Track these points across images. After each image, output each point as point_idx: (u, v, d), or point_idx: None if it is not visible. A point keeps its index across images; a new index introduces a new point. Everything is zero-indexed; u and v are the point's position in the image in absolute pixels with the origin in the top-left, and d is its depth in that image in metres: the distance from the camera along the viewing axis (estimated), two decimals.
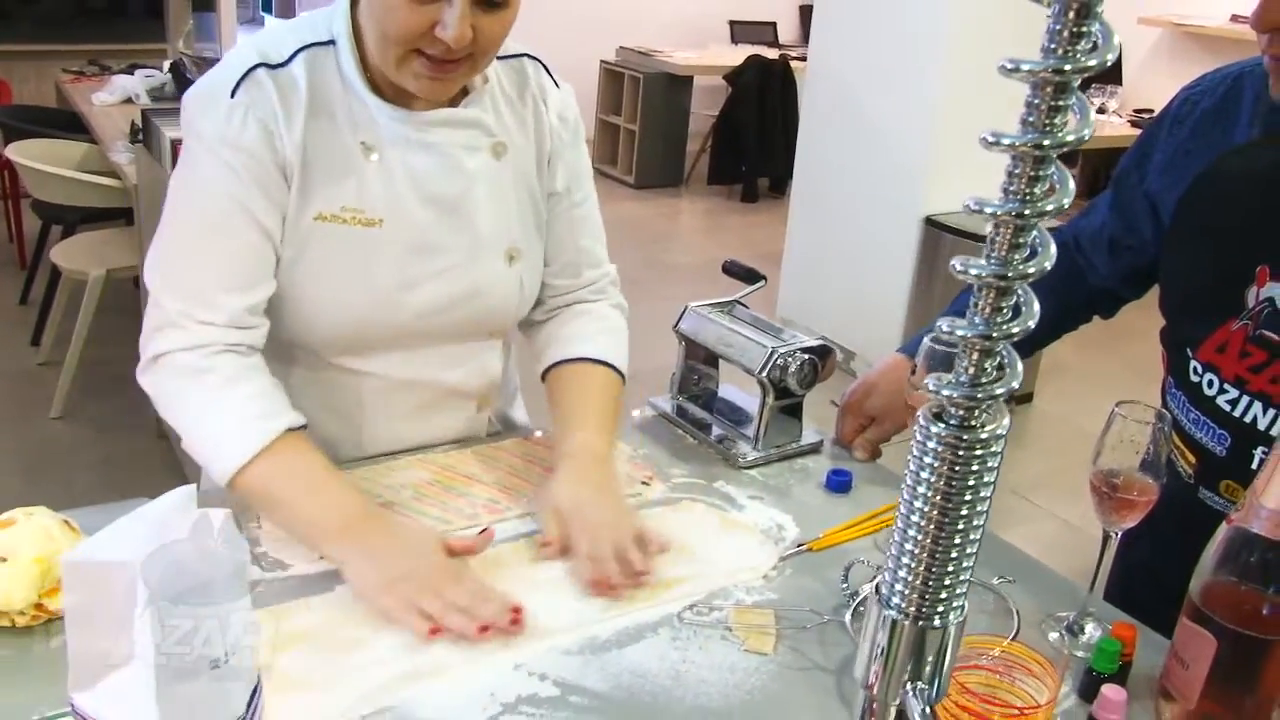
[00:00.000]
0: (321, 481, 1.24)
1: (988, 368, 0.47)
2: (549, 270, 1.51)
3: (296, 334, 1.35)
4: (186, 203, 1.27)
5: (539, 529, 1.31)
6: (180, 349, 1.24)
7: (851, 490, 1.47)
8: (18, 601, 1.05)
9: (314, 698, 1.01)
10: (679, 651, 1.13)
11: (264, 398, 1.25)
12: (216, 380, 1.23)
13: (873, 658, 0.53)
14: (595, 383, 1.47)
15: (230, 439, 1.21)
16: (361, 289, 1.32)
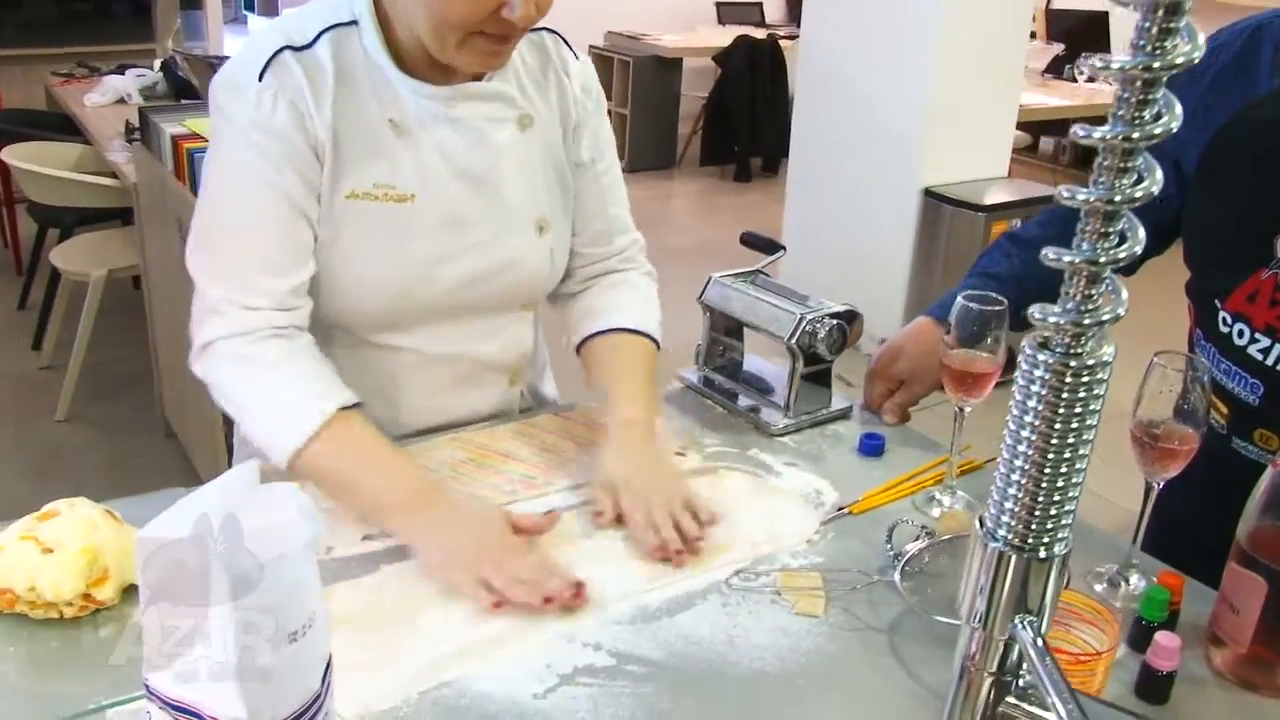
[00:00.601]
0: (382, 457, 1.25)
1: (1094, 294, 0.46)
2: (579, 240, 1.52)
3: (334, 313, 1.34)
4: (221, 189, 1.27)
5: (582, 502, 1.32)
6: (227, 336, 1.25)
7: (884, 454, 1.47)
8: (66, 592, 1.04)
9: (366, 679, 1.01)
10: (730, 617, 1.12)
11: (316, 378, 1.26)
12: (266, 365, 1.25)
13: (978, 592, 0.53)
14: (634, 353, 1.48)
15: (287, 421, 1.22)
16: (396, 265, 1.32)
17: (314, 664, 0.71)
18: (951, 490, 1.35)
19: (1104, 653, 0.94)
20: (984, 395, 1.30)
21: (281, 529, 0.69)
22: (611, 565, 1.20)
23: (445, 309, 1.39)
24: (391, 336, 1.39)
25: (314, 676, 0.71)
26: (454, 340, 1.43)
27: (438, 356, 1.43)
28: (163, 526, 0.68)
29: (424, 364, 1.42)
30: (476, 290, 1.39)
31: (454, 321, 1.41)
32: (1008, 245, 1.53)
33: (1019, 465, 0.49)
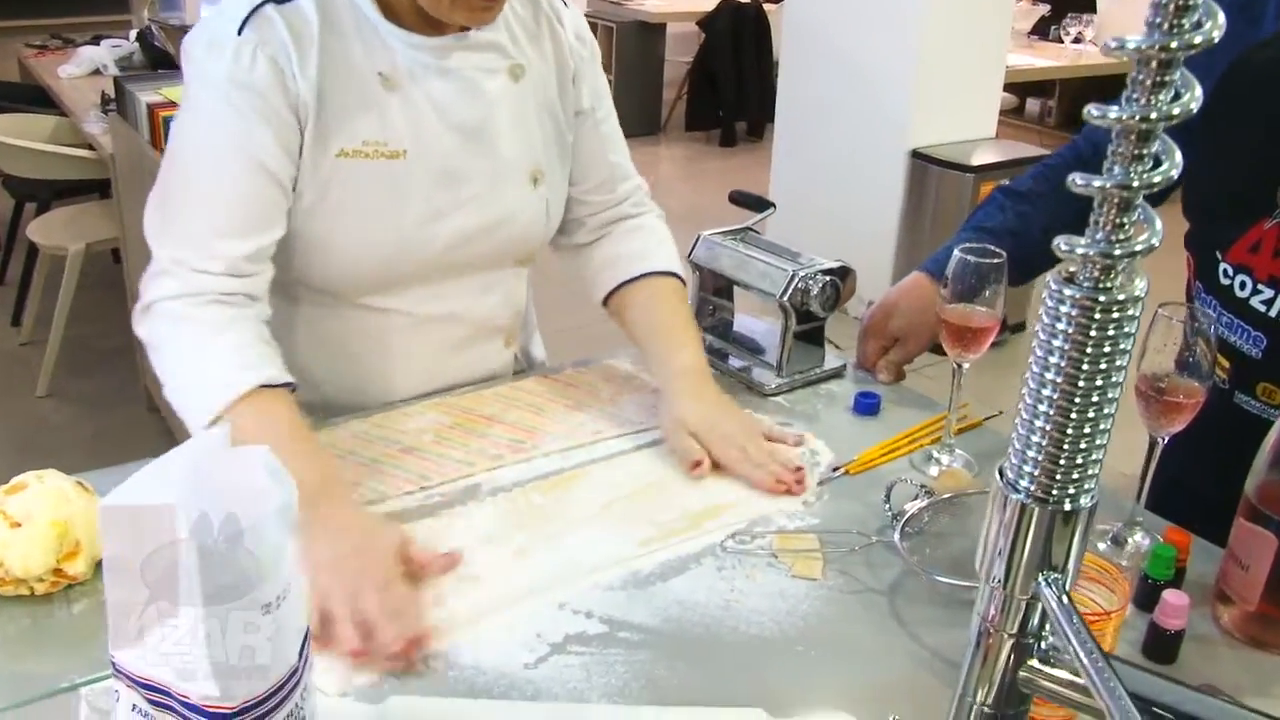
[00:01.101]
0: (293, 444, 1.13)
1: (1125, 223, 0.43)
2: (583, 189, 1.49)
3: (323, 277, 1.31)
4: (185, 144, 1.22)
5: (575, 465, 1.29)
6: (170, 296, 1.18)
7: (880, 413, 1.44)
8: (36, 567, 1.00)
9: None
10: (725, 581, 1.09)
11: (246, 349, 1.17)
12: (200, 329, 1.17)
13: (997, 549, 0.49)
14: (672, 297, 1.47)
15: (205, 391, 1.14)
16: (389, 224, 1.28)
17: (290, 637, 0.67)
18: (950, 448, 1.32)
19: (1114, 612, 0.91)
20: (982, 351, 1.27)
21: (252, 494, 0.65)
22: (599, 529, 1.16)
23: (438, 268, 1.35)
24: (383, 299, 1.35)
25: (291, 650, 0.68)
26: (448, 301, 1.39)
27: (431, 318, 1.39)
28: (126, 494, 0.64)
29: (416, 327, 1.38)
30: (471, 246, 1.35)
31: (447, 281, 1.38)
32: (1002, 199, 1.49)
33: (1043, 411, 0.46)
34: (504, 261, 1.42)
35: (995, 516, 0.49)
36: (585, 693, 0.93)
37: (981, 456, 1.32)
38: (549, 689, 0.94)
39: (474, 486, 1.23)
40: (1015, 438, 0.48)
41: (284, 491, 0.66)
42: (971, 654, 0.53)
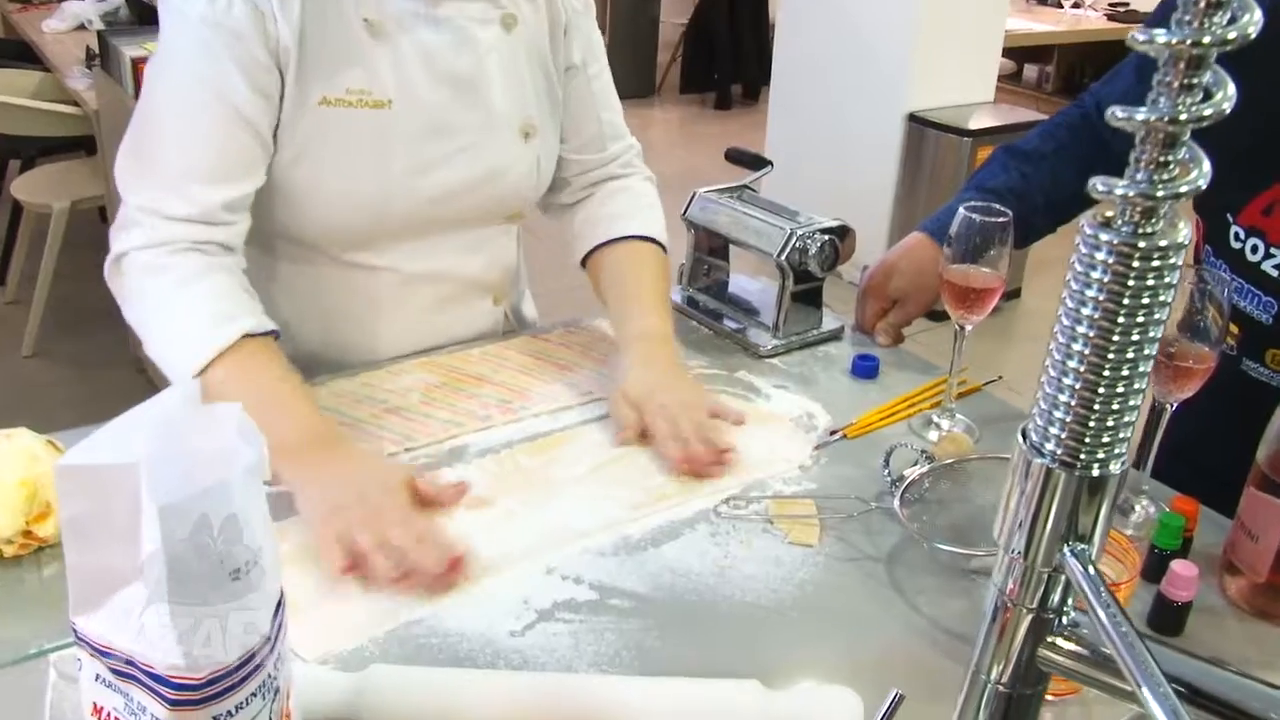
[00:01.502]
0: (280, 394, 1.12)
1: (1170, 160, 0.39)
2: (571, 146, 1.45)
3: (307, 231, 1.27)
4: (156, 90, 1.17)
5: (561, 427, 1.25)
6: (140, 247, 1.14)
7: (879, 376, 1.40)
8: (5, 529, 0.96)
9: (327, 619, 0.94)
10: (719, 547, 1.06)
11: (224, 298, 1.14)
12: (174, 279, 1.13)
13: (1018, 517, 0.46)
14: (647, 262, 1.41)
15: (186, 342, 1.11)
16: (374, 176, 1.24)
17: (261, 604, 0.64)
18: (950, 413, 1.29)
19: (1123, 583, 0.88)
20: (985, 313, 1.23)
21: (221, 454, 0.61)
22: (590, 493, 1.13)
23: (426, 223, 1.31)
24: (369, 255, 1.30)
25: (262, 618, 0.64)
26: (435, 257, 1.35)
27: (418, 275, 1.35)
28: (86, 453, 0.60)
29: (404, 284, 1.34)
30: (459, 201, 1.31)
31: (435, 237, 1.33)
32: (1005, 158, 1.45)
33: (1072, 367, 0.42)
34: (493, 218, 1.38)
35: (1017, 482, 0.45)
36: (574, 662, 0.90)
37: (982, 422, 1.29)
38: (536, 658, 0.90)
39: (461, 448, 1.20)
40: (1040, 397, 0.44)
41: (254, 452, 0.62)
42: (987, 628, 0.49)
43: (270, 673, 0.67)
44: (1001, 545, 0.47)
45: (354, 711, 0.81)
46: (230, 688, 0.63)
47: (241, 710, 0.65)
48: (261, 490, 0.64)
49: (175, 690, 0.61)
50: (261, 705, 0.66)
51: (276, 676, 0.68)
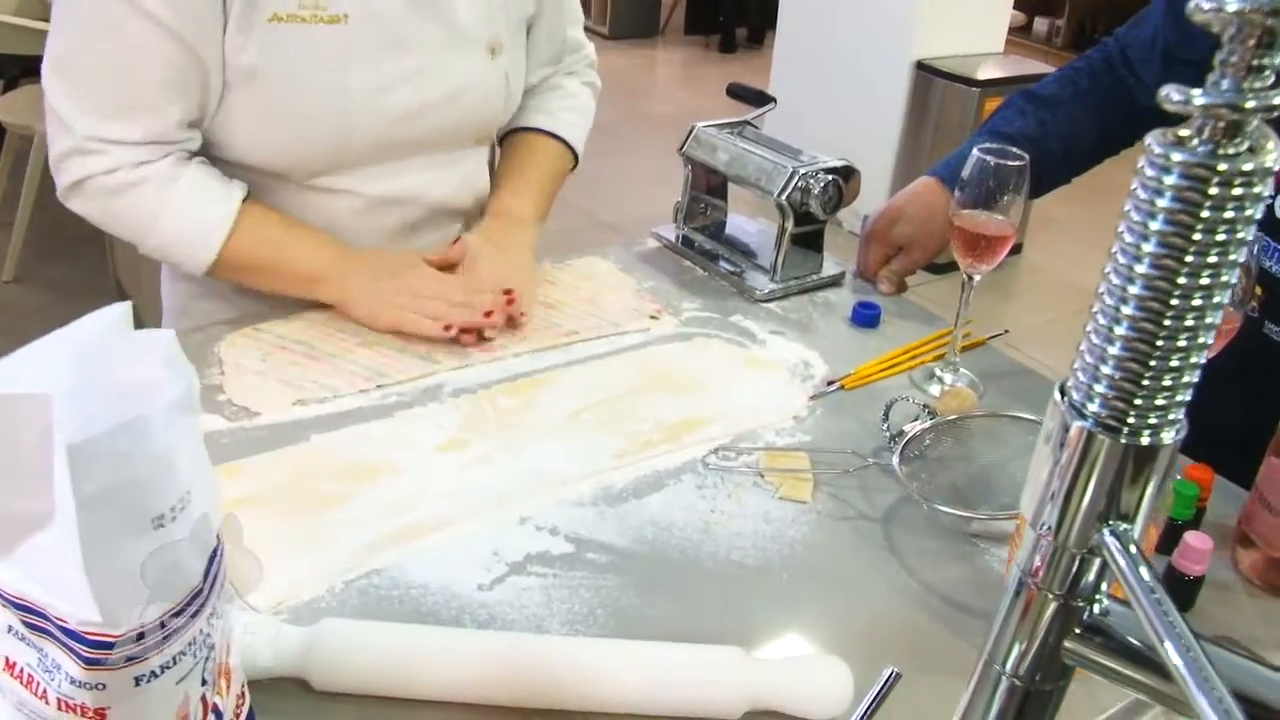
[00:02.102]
0: (297, 234, 1.22)
1: (1264, 65, 0.32)
2: (533, 63, 1.40)
3: (267, 157, 1.19)
4: (92, 5, 1.08)
5: (546, 367, 1.19)
6: (105, 171, 1.13)
7: (880, 325, 1.33)
8: None
9: (284, 565, 0.87)
10: (706, 501, 0.99)
11: (206, 183, 1.17)
12: (155, 185, 1.14)
13: (1051, 488, 0.39)
14: (542, 154, 1.42)
15: (197, 233, 1.16)
16: (333, 96, 1.16)
17: (191, 554, 0.57)
18: (954, 367, 1.22)
19: None
20: (995, 262, 1.16)
21: (145, 386, 0.54)
22: (571, 439, 1.06)
23: (390, 145, 1.23)
24: (331, 179, 1.23)
25: (191, 569, 0.57)
26: (401, 180, 1.28)
27: (384, 200, 1.28)
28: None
29: (368, 209, 1.27)
30: (423, 121, 1.23)
31: (400, 160, 1.26)
32: (1022, 103, 1.37)
33: (1127, 315, 0.35)
34: (461, 140, 1.31)
35: (1051, 448, 0.39)
36: (544, 620, 0.84)
37: (986, 377, 1.22)
38: (504, 614, 0.84)
39: (435, 387, 1.13)
40: (1085, 348, 0.37)
41: (182, 383, 0.55)
42: (1005, 613, 0.43)
43: (203, 629, 0.60)
44: (1029, 520, 0.40)
45: (303, 669, 0.75)
46: (154, 645, 0.57)
47: (168, 670, 0.58)
48: (193, 427, 0.57)
49: (91, 648, 0.55)
50: (193, 664, 0.60)
51: (211, 632, 0.62)
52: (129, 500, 0.53)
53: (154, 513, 0.54)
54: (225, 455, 1.00)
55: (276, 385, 1.11)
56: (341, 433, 1.04)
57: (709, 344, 1.25)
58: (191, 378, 0.56)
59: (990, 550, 0.95)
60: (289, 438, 1.03)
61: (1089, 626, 0.40)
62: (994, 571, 0.93)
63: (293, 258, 1.20)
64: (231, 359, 1.15)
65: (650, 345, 1.25)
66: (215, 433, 1.03)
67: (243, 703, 0.70)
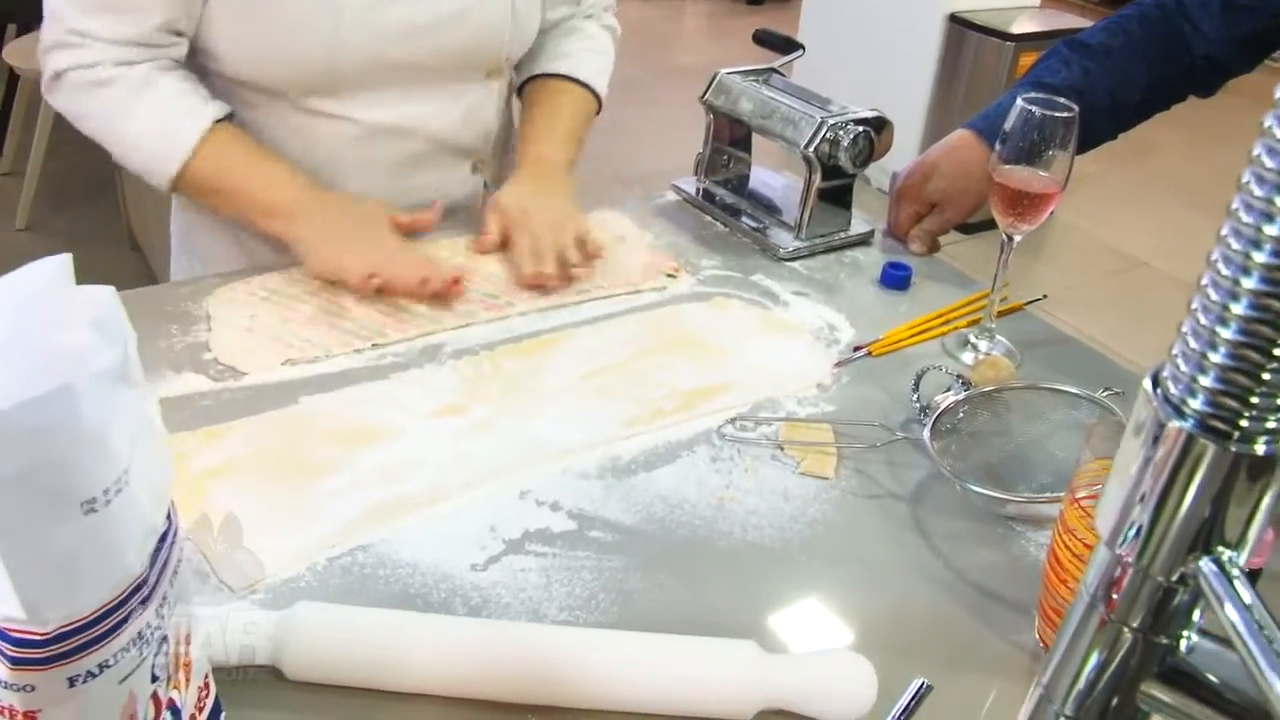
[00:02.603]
0: (264, 164, 1.16)
1: None
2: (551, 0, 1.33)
3: (256, 71, 1.14)
4: None
5: (552, 328, 1.11)
6: (80, 65, 1.10)
7: (911, 287, 1.25)
8: None
9: (268, 538, 0.81)
10: (721, 475, 0.92)
11: (183, 95, 1.13)
12: (127, 86, 1.11)
13: (1133, 501, 0.32)
14: (567, 100, 1.35)
15: (162, 142, 1.12)
16: (323, 5, 1.09)
17: (130, 540, 0.50)
18: (990, 333, 1.14)
19: None
20: (1039, 221, 1.08)
21: (72, 353, 0.47)
22: (581, 406, 0.99)
23: (387, 67, 1.16)
24: (328, 102, 1.17)
25: (131, 556, 0.51)
26: (403, 109, 1.20)
27: (383, 129, 1.20)
28: None
29: (368, 137, 1.20)
30: (422, 42, 1.16)
31: (403, 86, 1.19)
32: (1067, 52, 1.28)
33: (1248, 290, 0.27)
34: (469, 71, 1.24)
35: (1138, 451, 0.31)
36: (542, 604, 0.77)
37: (1024, 345, 1.14)
38: (498, 597, 0.78)
39: (435, 347, 1.06)
40: (1189, 331, 0.30)
41: (114, 351, 0.48)
42: (1067, 644, 0.35)
43: (150, 622, 0.54)
44: (1104, 536, 0.33)
45: (275, 657, 0.69)
46: (88, 643, 0.50)
47: (108, 669, 0.52)
48: (132, 397, 0.50)
49: (15, 646, 0.48)
50: (137, 660, 0.54)
51: (161, 625, 0.55)
52: (53, 482, 0.46)
53: (83, 496, 0.47)
54: (207, 418, 0.94)
55: (266, 343, 1.04)
56: (332, 395, 0.98)
57: (728, 304, 1.18)
58: (127, 344, 0.49)
59: (1027, 534, 0.88)
60: (276, 400, 0.97)
61: (1173, 668, 0.33)
62: (1031, 558, 0.85)
63: (254, 186, 1.14)
64: (220, 314, 1.08)
65: (666, 305, 1.17)
66: (198, 394, 0.97)
67: (206, 695, 0.64)
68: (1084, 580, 0.35)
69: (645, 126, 4.60)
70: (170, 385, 0.98)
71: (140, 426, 0.52)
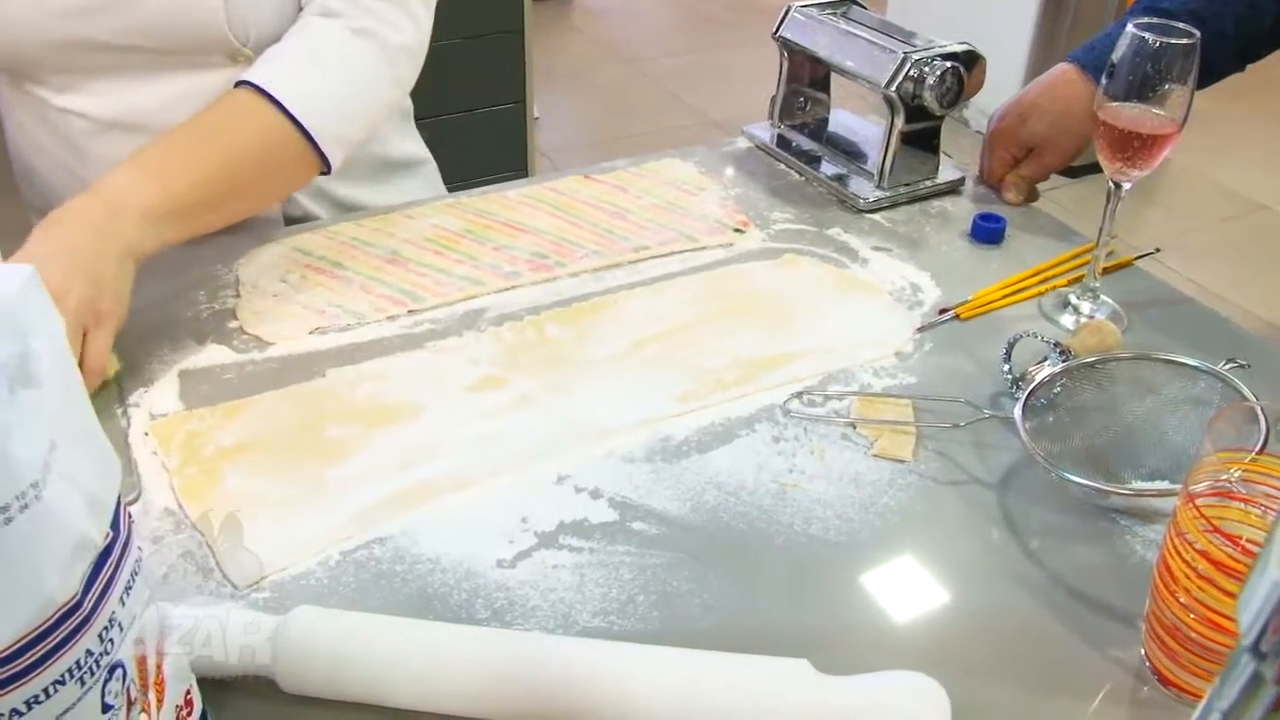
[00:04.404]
0: None
1: None
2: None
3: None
4: None
5: (605, 290, 1.02)
6: None
7: (1005, 241, 1.13)
8: None
9: (272, 532, 0.74)
10: (783, 458, 0.82)
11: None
12: None
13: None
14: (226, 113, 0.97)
15: None
16: None
17: (49, 560, 0.43)
18: (1093, 294, 1.02)
19: None
20: (1150, 167, 0.95)
21: None
22: (630, 378, 0.90)
23: (85, 51, 1.00)
24: (60, 96, 1.04)
25: (52, 579, 0.43)
26: (129, 100, 1.03)
27: (115, 123, 1.04)
28: None
29: (101, 132, 1.05)
30: (106, 20, 0.97)
31: (123, 74, 1.02)
32: None
33: None
34: (197, 56, 1.03)
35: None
36: (573, 608, 0.69)
37: (1132, 307, 1.02)
38: (525, 598, 0.69)
39: (476, 312, 0.98)
40: None
41: (11, 346, 0.40)
42: (1229, 709, 0.25)
43: (91, 649, 0.47)
44: (1242, 629, 0.23)
45: (269, 668, 0.62)
46: (9, 679, 0.43)
47: (38, 705, 0.45)
48: (44, 398, 0.42)
49: None
50: (78, 693, 0.46)
51: (110, 651, 0.48)
52: None
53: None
54: (227, 393, 0.87)
55: (295, 310, 0.97)
56: (360, 367, 0.90)
57: (798, 262, 1.07)
58: (27, 338, 0.41)
59: (1134, 530, 0.76)
60: (300, 372, 0.89)
61: None
62: (1138, 558, 0.74)
63: None
64: (249, 279, 1.01)
65: (731, 264, 1.07)
66: (220, 366, 0.90)
67: (189, 714, 0.57)
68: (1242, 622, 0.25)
69: (732, 69, 4.45)
70: (193, 357, 0.91)
71: (66, 430, 0.44)
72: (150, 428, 0.83)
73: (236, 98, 0.97)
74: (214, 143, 0.95)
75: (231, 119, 0.96)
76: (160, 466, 0.79)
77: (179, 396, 0.87)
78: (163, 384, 0.88)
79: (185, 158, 0.93)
